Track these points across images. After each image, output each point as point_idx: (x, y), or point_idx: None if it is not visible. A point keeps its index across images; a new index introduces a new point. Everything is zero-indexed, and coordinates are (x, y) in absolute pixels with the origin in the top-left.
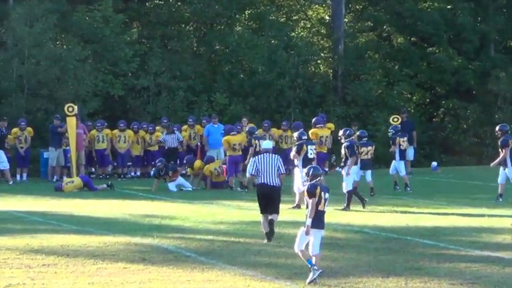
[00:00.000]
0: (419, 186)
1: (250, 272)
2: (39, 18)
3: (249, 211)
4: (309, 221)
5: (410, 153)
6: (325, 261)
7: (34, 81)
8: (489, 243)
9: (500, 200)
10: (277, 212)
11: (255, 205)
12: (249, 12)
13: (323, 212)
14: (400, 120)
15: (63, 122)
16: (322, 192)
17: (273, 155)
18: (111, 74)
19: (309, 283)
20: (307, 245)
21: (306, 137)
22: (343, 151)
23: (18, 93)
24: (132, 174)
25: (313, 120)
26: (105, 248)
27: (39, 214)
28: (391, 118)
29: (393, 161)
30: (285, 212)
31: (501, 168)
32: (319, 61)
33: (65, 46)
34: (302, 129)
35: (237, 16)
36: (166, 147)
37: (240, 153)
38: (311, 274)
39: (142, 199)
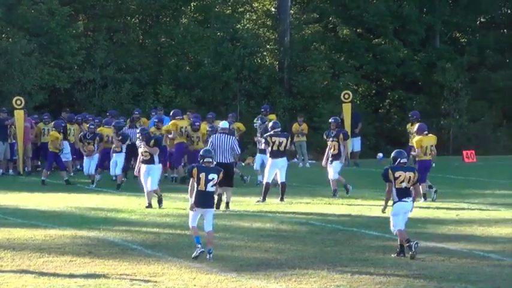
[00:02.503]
0: (365, 178)
1: (196, 265)
2: None
3: None
4: (190, 200)
5: (357, 144)
6: (270, 253)
7: None
8: (434, 234)
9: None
10: (231, 185)
11: None
12: (195, 4)
13: (205, 192)
14: (350, 97)
15: (9, 115)
16: (202, 173)
17: (229, 135)
18: (56, 67)
19: (193, 258)
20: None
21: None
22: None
23: None
24: (78, 167)
25: (172, 111)
26: (51, 241)
27: None
28: (342, 94)
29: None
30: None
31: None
32: (265, 53)
33: (10, 39)
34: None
35: (182, 8)
36: (130, 142)
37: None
38: (196, 251)
39: (88, 192)
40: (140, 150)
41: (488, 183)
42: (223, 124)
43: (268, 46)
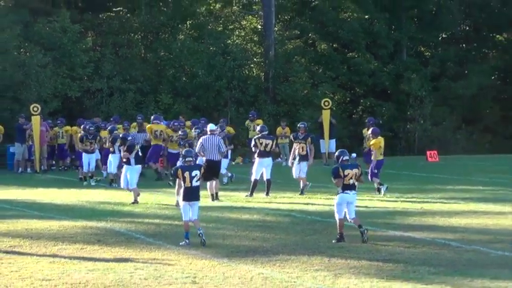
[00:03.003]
0: None
1: (192, 251)
2: (5, 28)
3: None
4: (177, 197)
5: (333, 145)
6: (257, 242)
7: (0, 84)
8: (401, 225)
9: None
10: (217, 177)
11: None
12: (190, 22)
13: (191, 188)
14: (330, 104)
15: (27, 120)
16: (186, 172)
17: (215, 136)
18: (68, 78)
19: (181, 244)
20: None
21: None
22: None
23: None
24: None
25: (152, 117)
26: (64, 231)
27: (6, 201)
28: (322, 102)
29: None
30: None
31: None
32: (252, 65)
33: (28, 53)
34: None
35: (179, 26)
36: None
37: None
38: (184, 242)
39: (97, 188)
40: (122, 155)
41: (449, 179)
42: (211, 126)
43: (255, 59)
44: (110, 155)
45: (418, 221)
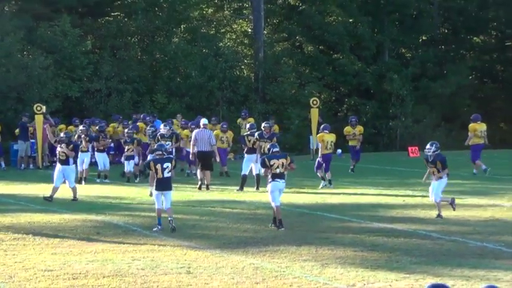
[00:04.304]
0: None
1: (186, 243)
2: (9, 33)
3: (184, 192)
4: (151, 188)
5: None
6: (248, 233)
7: (5, 86)
8: (384, 217)
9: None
10: (210, 169)
11: (189, 187)
12: (184, 26)
13: (162, 179)
14: (318, 103)
15: (30, 119)
16: (158, 165)
17: (207, 130)
18: (69, 79)
19: (154, 230)
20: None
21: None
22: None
23: None
24: None
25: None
26: (65, 224)
27: (9, 196)
28: (311, 100)
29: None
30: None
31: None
32: (243, 66)
33: (30, 56)
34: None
35: (174, 30)
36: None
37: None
38: (156, 228)
39: (96, 183)
40: (58, 149)
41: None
42: (204, 121)
43: (245, 61)
44: (81, 154)
45: (400, 214)
